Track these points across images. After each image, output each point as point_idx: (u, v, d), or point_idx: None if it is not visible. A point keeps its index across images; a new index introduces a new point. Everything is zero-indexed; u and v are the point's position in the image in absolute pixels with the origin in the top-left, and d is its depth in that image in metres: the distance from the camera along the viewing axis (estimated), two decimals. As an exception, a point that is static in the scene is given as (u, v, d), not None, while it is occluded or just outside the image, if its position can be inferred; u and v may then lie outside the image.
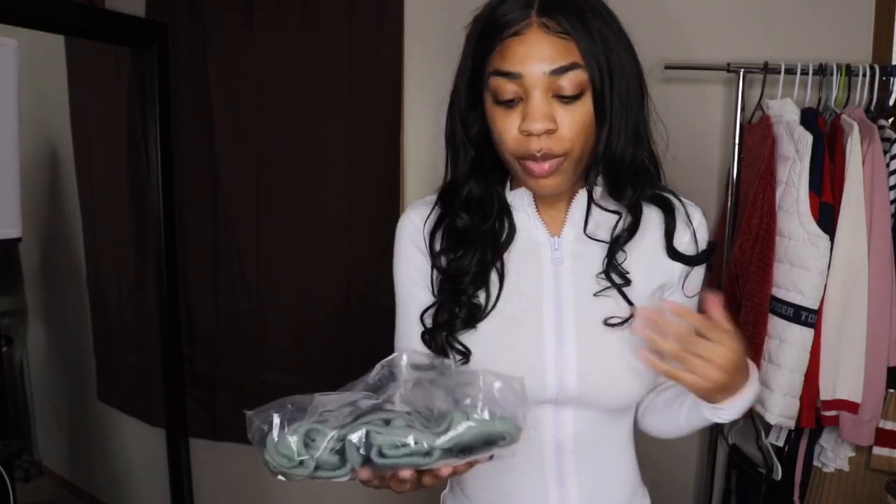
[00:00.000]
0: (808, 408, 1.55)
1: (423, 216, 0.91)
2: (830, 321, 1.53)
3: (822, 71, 1.58)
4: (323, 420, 0.66)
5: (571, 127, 0.77)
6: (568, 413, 0.87)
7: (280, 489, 2.28)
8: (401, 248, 0.93)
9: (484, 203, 0.87)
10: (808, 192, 1.50)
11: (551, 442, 0.87)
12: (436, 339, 0.86)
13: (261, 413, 0.66)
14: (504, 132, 0.79)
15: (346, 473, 0.66)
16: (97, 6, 2.23)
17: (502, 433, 0.66)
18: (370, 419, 0.66)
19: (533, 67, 0.75)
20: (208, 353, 2.24)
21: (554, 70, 0.75)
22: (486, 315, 0.86)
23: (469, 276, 0.85)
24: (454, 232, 0.87)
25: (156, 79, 2.07)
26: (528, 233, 0.89)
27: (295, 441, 0.64)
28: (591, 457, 0.89)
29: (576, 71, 0.75)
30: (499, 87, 0.78)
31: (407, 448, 0.65)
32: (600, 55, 0.76)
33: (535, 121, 0.75)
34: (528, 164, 0.79)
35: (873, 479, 1.66)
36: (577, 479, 0.88)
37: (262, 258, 2.11)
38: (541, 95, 0.76)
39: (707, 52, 1.73)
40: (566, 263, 0.88)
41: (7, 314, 3.17)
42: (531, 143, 0.77)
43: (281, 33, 1.98)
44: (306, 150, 2.02)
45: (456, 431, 0.65)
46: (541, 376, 0.84)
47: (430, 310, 0.88)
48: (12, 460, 1.72)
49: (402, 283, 0.93)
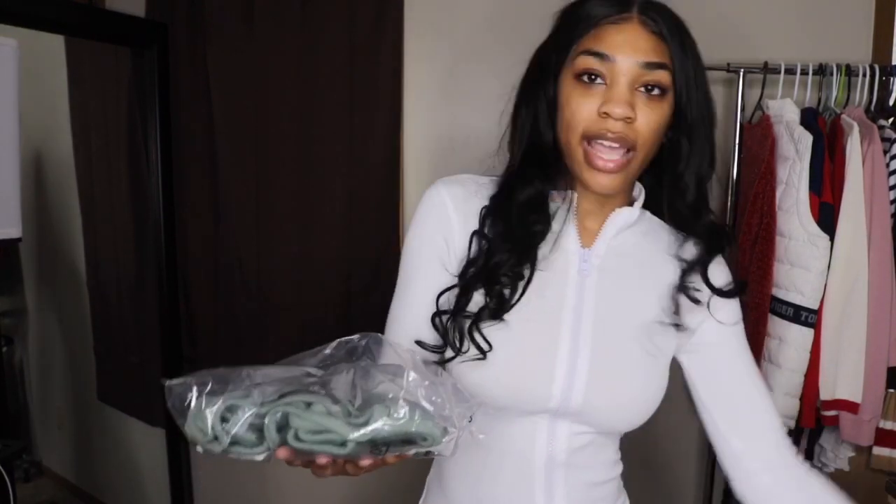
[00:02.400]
0: (808, 408, 1.55)
1: (457, 198, 0.87)
2: (830, 321, 1.53)
3: (822, 71, 1.58)
4: (246, 395, 0.63)
5: (648, 123, 0.78)
6: (563, 427, 0.85)
7: (280, 489, 2.28)
8: (423, 223, 0.87)
9: (533, 202, 0.86)
10: (808, 192, 1.50)
11: (543, 454, 0.86)
12: (455, 324, 0.82)
13: (181, 384, 0.64)
14: (579, 110, 0.78)
15: (262, 452, 0.63)
16: (97, 6, 2.23)
17: (422, 434, 0.63)
18: (292, 400, 0.63)
19: (627, 55, 0.77)
20: (208, 353, 2.24)
21: (647, 63, 0.77)
22: (510, 308, 0.83)
23: (506, 267, 0.83)
24: (505, 223, 0.85)
25: (156, 79, 2.07)
26: (561, 239, 0.87)
27: (211, 415, 0.62)
28: (581, 471, 0.88)
29: (665, 71, 0.78)
30: (587, 65, 0.78)
31: (322, 436, 0.62)
32: (689, 67, 0.79)
33: (618, 104, 0.76)
34: (594, 154, 0.78)
35: (873, 479, 1.66)
36: (566, 492, 0.87)
37: (262, 258, 2.11)
38: (627, 84, 0.77)
39: (707, 52, 1.72)
40: (592, 277, 0.86)
41: (7, 314, 3.17)
42: (609, 124, 0.77)
43: (281, 33, 1.98)
44: (306, 149, 2.01)
45: (371, 427, 0.62)
46: (548, 385, 0.83)
47: (448, 292, 0.85)
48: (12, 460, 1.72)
49: (415, 256, 0.88)
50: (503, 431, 0.86)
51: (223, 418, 0.62)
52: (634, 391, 0.85)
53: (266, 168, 2.06)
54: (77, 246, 2.67)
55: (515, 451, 0.87)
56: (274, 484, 2.29)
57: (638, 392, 0.85)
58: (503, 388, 0.83)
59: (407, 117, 1.98)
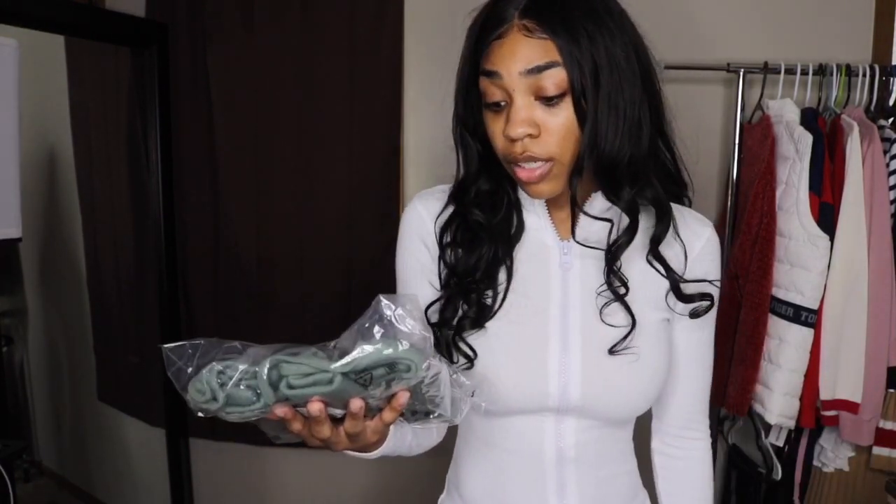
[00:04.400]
0: (808, 408, 1.56)
1: (431, 210, 0.89)
2: (830, 321, 1.53)
3: (822, 71, 1.58)
4: (241, 355, 0.66)
5: (555, 131, 0.75)
6: (570, 422, 0.85)
7: (280, 489, 2.28)
8: (405, 241, 0.91)
9: (494, 197, 0.86)
10: (808, 192, 1.50)
11: (552, 451, 0.86)
12: (441, 336, 0.84)
13: (178, 348, 0.66)
14: (494, 137, 0.79)
15: (259, 408, 0.64)
16: (97, 6, 2.23)
17: (404, 360, 0.64)
18: (282, 352, 0.65)
19: (510, 67, 0.75)
20: (208, 353, 2.23)
21: (529, 69, 0.74)
22: (492, 315, 0.84)
23: (479, 273, 0.84)
24: (466, 228, 0.86)
25: (156, 79, 2.07)
26: (538, 234, 0.87)
27: (207, 374, 0.64)
28: (592, 466, 0.88)
29: (554, 69, 0.73)
30: (485, 88, 0.78)
31: (311, 378, 0.64)
32: (584, 54, 0.73)
33: (514, 126, 0.75)
34: (517, 170, 0.78)
35: (873, 479, 1.66)
36: (578, 487, 0.87)
37: (262, 257, 2.11)
38: (522, 99, 0.75)
39: (707, 52, 1.73)
40: (575, 269, 0.86)
41: (7, 314, 3.17)
42: (514, 148, 0.76)
43: (281, 33, 1.98)
44: (306, 149, 2.02)
45: (352, 355, 0.63)
46: (544, 384, 0.83)
47: (435, 305, 0.87)
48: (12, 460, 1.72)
49: (404, 276, 0.91)
50: (511, 431, 0.87)
51: (219, 381, 0.64)
52: (633, 377, 0.84)
53: (266, 168, 2.06)
54: (77, 246, 2.67)
55: (525, 450, 0.87)
56: (274, 484, 2.29)
57: (636, 377, 0.84)
58: (499, 393, 0.83)
59: (407, 117, 1.98)
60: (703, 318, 0.88)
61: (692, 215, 0.91)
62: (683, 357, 0.92)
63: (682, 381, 0.93)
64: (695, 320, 0.88)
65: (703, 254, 0.89)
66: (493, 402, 0.83)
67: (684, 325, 0.90)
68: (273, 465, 2.27)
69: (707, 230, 0.90)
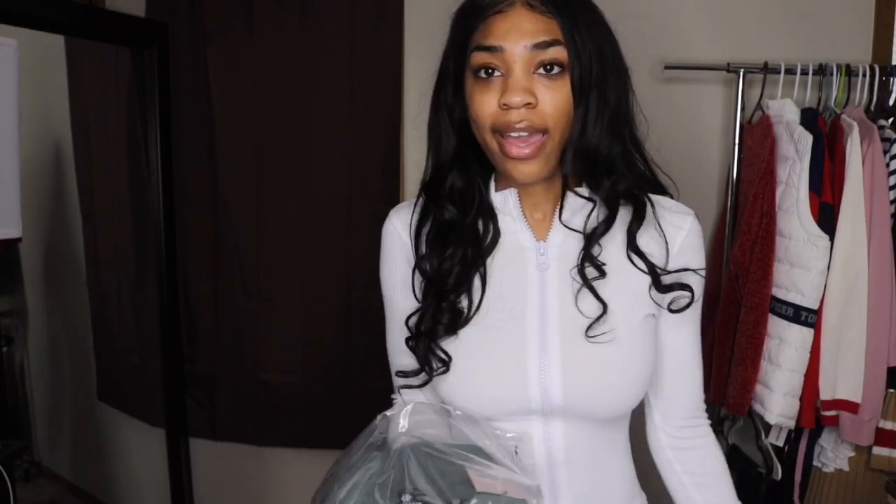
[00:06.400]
0: (808, 408, 1.55)
1: (404, 219, 0.90)
2: (830, 321, 1.53)
3: (822, 71, 1.58)
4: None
5: (552, 103, 0.76)
6: (557, 425, 0.84)
7: (280, 489, 2.28)
8: (385, 255, 0.93)
9: (466, 196, 0.86)
10: (808, 192, 1.50)
11: (542, 454, 0.85)
12: (419, 345, 0.85)
13: None
14: (482, 107, 0.78)
15: None
16: (97, 6, 2.23)
17: None
18: None
19: (515, 41, 0.75)
20: (208, 353, 2.24)
21: (536, 44, 0.75)
22: (468, 320, 0.84)
23: (452, 277, 0.84)
24: (438, 228, 0.86)
25: (156, 79, 2.07)
26: (514, 236, 0.87)
27: None
28: (583, 468, 0.87)
29: (557, 47, 0.75)
30: (480, 61, 0.77)
31: None
32: (583, 39, 0.76)
33: (515, 93, 0.75)
34: (507, 145, 0.77)
35: (873, 479, 1.66)
36: (571, 490, 0.86)
37: (261, 258, 2.11)
38: (522, 70, 0.75)
39: (707, 52, 1.73)
40: (552, 270, 0.85)
41: (7, 314, 3.16)
42: (511, 115, 0.76)
43: (281, 34, 1.98)
44: (306, 150, 2.02)
45: None
46: (524, 387, 0.83)
47: (415, 315, 0.87)
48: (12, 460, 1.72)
49: (387, 288, 0.93)
50: None
51: None
52: (615, 375, 0.83)
53: (266, 168, 2.06)
54: (77, 246, 2.67)
55: None
56: (275, 484, 2.29)
57: (618, 375, 0.83)
58: (481, 398, 0.83)
59: (407, 117, 1.98)
60: (691, 308, 0.87)
61: (673, 207, 0.89)
62: (684, 349, 0.92)
63: (689, 373, 0.93)
64: (684, 313, 0.87)
65: (685, 246, 0.87)
66: (478, 406, 0.83)
67: (676, 319, 0.89)
68: (273, 465, 2.27)
69: (688, 221, 0.88)
